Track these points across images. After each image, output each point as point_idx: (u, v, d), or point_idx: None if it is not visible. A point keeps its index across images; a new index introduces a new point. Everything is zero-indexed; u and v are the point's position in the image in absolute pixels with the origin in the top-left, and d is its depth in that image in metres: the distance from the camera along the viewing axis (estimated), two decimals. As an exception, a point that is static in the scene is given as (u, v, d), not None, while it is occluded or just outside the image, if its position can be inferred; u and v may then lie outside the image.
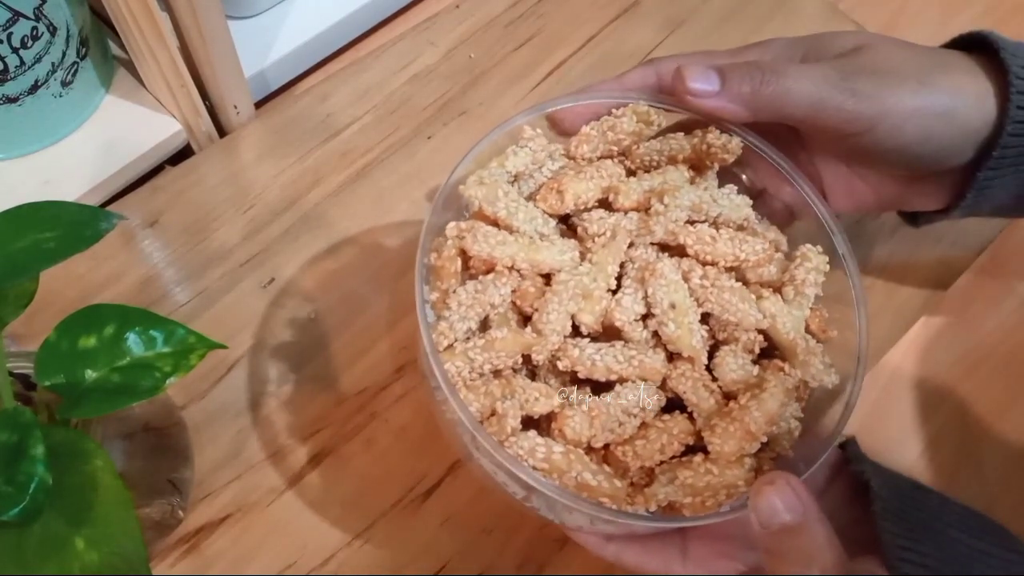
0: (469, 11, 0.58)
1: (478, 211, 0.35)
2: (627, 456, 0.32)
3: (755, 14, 0.60)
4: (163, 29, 0.45)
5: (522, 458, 0.31)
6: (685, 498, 0.32)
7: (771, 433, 0.32)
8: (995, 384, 0.49)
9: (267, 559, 0.41)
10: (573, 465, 0.31)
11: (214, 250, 0.49)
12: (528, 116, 0.37)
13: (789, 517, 0.29)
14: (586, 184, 0.36)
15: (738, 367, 0.33)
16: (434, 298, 0.35)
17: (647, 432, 0.33)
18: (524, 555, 0.42)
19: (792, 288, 0.35)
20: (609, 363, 0.33)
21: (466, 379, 0.33)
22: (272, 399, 0.45)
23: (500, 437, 0.31)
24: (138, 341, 0.30)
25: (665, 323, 0.33)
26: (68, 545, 0.27)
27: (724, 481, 0.31)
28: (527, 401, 0.32)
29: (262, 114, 0.54)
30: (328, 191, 0.51)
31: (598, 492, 0.31)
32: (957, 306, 0.51)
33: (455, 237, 0.35)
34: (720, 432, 0.32)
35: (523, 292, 0.34)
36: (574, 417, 0.32)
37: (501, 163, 0.37)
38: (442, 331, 0.33)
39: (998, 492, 0.46)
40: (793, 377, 0.34)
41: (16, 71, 0.45)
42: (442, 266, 0.35)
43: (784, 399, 0.32)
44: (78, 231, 0.29)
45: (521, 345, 0.33)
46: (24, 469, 0.25)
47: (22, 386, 0.32)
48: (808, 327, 0.36)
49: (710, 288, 0.34)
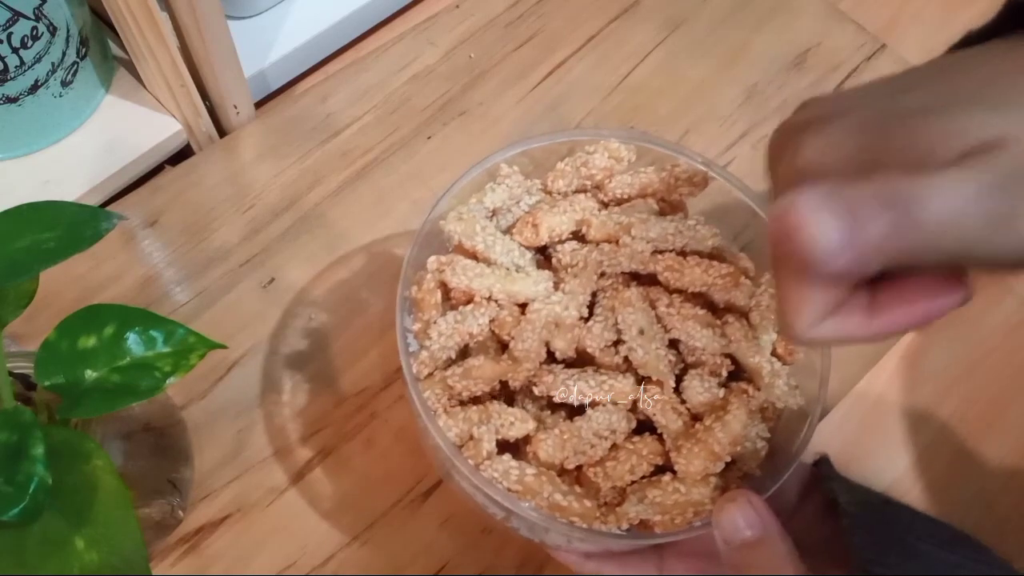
0: (469, 11, 0.58)
1: (458, 245, 0.37)
2: (598, 477, 0.34)
3: (755, 14, 0.60)
4: (163, 29, 0.45)
5: (496, 480, 0.33)
6: (655, 516, 0.33)
7: (736, 453, 0.34)
8: (994, 384, 0.49)
9: (267, 559, 0.41)
10: (545, 487, 0.33)
11: (214, 250, 0.49)
12: (505, 154, 0.39)
13: (750, 533, 0.30)
14: (559, 218, 0.38)
15: (704, 390, 0.35)
16: (416, 328, 0.37)
17: (617, 453, 0.34)
18: (524, 555, 0.42)
19: (758, 313, 0.37)
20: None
21: (446, 405, 0.35)
22: (272, 399, 0.45)
23: (476, 461, 0.33)
24: (138, 341, 0.30)
25: (634, 348, 0.35)
26: (68, 545, 0.27)
27: (691, 499, 0.33)
28: (503, 425, 0.34)
29: (262, 114, 0.54)
30: (328, 191, 0.51)
31: (569, 512, 0.33)
32: (957, 306, 0.51)
33: (435, 271, 0.37)
34: (685, 453, 0.33)
35: (501, 321, 0.36)
36: (547, 440, 0.34)
37: (480, 199, 0.39)
38: (423, 360, 0.35)
39: (997, 492, 0.46)
40: (757, 399, 0.35)
41: (16, 71, 0.45)
42: (423, 298, 0.37)
43: (747, 420, 0.33)
44: (78, 231, 0.29)
45: (498, 372, 0.35)
46: (24, 469, 0.25)
47: (22, 386, 0.32)
48: (774, 351, 0.37)
49: (675, 315, 0.36)
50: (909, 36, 0.60)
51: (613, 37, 0.58)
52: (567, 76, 0.56)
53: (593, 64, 0.57)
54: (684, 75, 0.57)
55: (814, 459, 0.39)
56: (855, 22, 0.60)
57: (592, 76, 0.56)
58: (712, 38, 0.59)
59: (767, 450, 0.35)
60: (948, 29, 0.61)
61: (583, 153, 0.40)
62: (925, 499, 0.45)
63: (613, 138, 0.40)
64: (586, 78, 0.56)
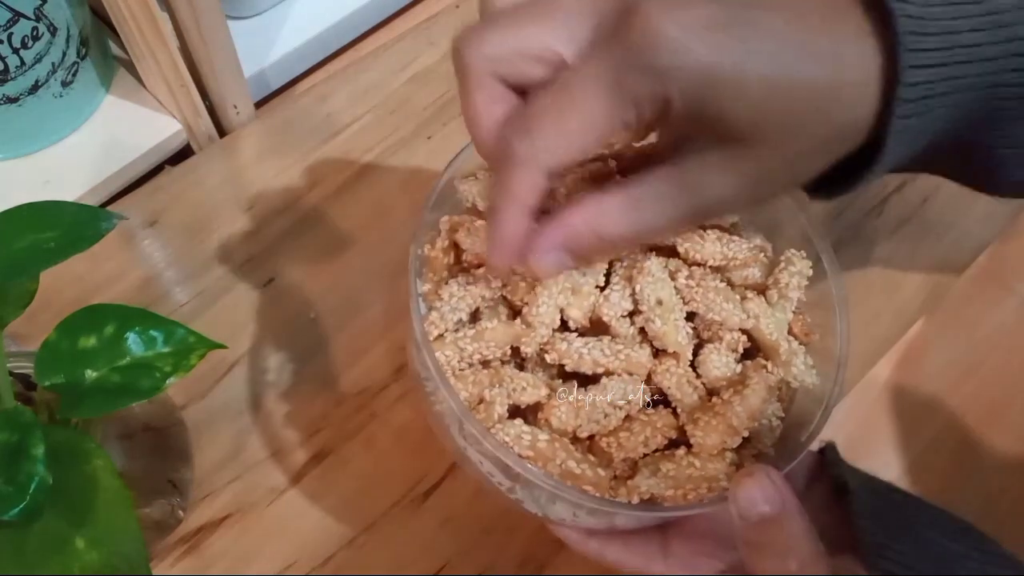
0: (469, 11, 0.58)
1: (472, 206, 0.36)
2: (611, 447, 0.33)
3: (755, 14, 0.60)
4: (163, 29, 0.45)
5: (508, 445, 0.31)
6: (667, 490, 0.32)
7: (753, 429, 0.33)
8: (995, 384, 0.49)
9: (267, 559, 0.41)
10: (558, 453, 0.32)
11: (214, 250, 0.49)
12: None
13: (768, 508, 0.29)
14: (579, 183, 0.36)
15: (722, 365, 0.34)
16: (426, 289, 0.36)
17: (631, 425, 0.34)
18: (524, 555, 0.42)
19: (776, 291, 0.36)
20: (596, 356, 0.33)
21: (455, 368, 0.34)
22: (272, 399, 0.45)
23: (487, 424, 0.32)
24: (138, 341, 0.30)
25: (652, 319, 0.34)
26: (68, 545, 0.27)
27: (705, 474, 0.32)
28: (515, 390, 0.33)
29: (262, 114, 0.54)
30: (328, 191, 0.51)
31: (582, 480, 0.32)
32: (957, 307, 0.51)
33: (448, 230, 0.36)
34: (703, 425, 0.32)
35: (514, 286, 0.35)
36: (560, 407, 0.33)
37: None
38: (433, 321, 0.34)
39: (997, 493, 0.46)
40: (775, 375, 0.34)
41: (16, 71, 0.45)
42: (435, 257, 0.36)
43: (766, 396, 0.33)
44: (78, 231, 0.29)
45: (510, 336, 0.34)
46: (24, 469, 0.25)
47: (22, 386, 0.32)
48: (791, 330, 0.36)
49: (695, 288, 0.35)
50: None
51: (613, 37, 0.58)
52: (567, 76, 0.56)
53: (593, 64, 0.57)
54: (684, 75, 0.57)
55: (820, 447, 0.38)
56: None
57: (592, 76, 0.56)
58: (712, 38, 0.59)
59: (781, 428, 0.34)
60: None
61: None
62: (924, 498, 0.45)
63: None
64: (586, 78, 0.56)
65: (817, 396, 0.35)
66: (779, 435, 0.34)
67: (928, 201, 0.54)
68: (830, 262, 0.37)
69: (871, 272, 0.51)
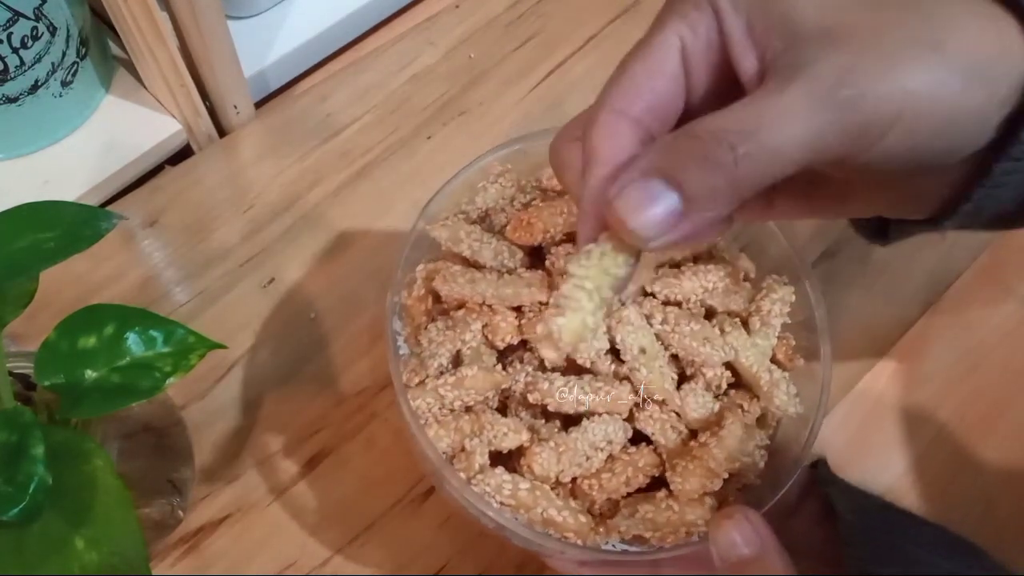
0: (469, 11, 0.58)
1: (447, 250, 0.37)
2: (592, 489, 0.34)
3: (755, 14, 0.60)
4: (163, 29, 0.45)
5: (489, 495, 0.32)
6: (645, 532, 0.33)
7: (733, 469, 0.33)
8: (995, 384, 0.49)
9: (267, 559, 0.41)
10: (539, 501, 0.32)
11: (214, 250, 0.49)
12: (498, 153, 0.39)
13: (747, 550, 0.30)
14: (555, 218, 0.37)
15: (699, 406, 0.34)
16: (407, 333, 0.36)
17: (613, 465, 0.34)
18: (524, 555, 0.42)
19: (758, 319, 0.36)
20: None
21: (436, 415, 0.34)
22: (272, 399, 0.45)
23: (468, 474, 0.32)
24: (138, 341, 0.30)
25: (636, 368, 0.34)
26: (68, 545, 0.27)
27: (684, 518, 0.32)
28: (495, 437, 0.33)
29: (262, 114, 0.54)
30: (328, 191, 0.51)
31: (563, 528, 0.32)
32: (957, 307, 0.51)
33: (424, 279, 0.36)
34: (680, 471, 0.33)
35: (494, 327, 0.35)
36: (542, 454, 0.33)
37: (471, 200, 0.38)
38: (413, 368, 0.34)
39: (997, 494, 0.46)
40: (753, 411, 0.35)
41: (16, 71, 0.45)
42: (412, 305, 0.36)
43: (743, 435, 0.33)
44: (78, 231, 0.29)
45: (490, 383, 0.34)
46: (24, 469, 0.25)
47: (22, 386, 0.32)
48: (775, 356, 0.37)
49: (671, 333, 0.35)
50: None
51: (613, 37, 0.58)
52: (567, 76, 0.56)
53: (593, 64, 0.57)
54: (684, 75, 0.57)
55: (811, 461, 0.39)
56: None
57: (592, 76, 0.56)
58: (712, 38, 0.59)
59: (766, 458, 0.34)
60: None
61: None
62: (924, 500, 0.45)
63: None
64: (586, 78, 0.56)
65: (804, 420, 0.35)
66: (764, 464, 0.34)
67: (928, 201, 0.54)
68: (812, 287, 0.37)
69: (871, 272, 0.51)
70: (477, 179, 0.38)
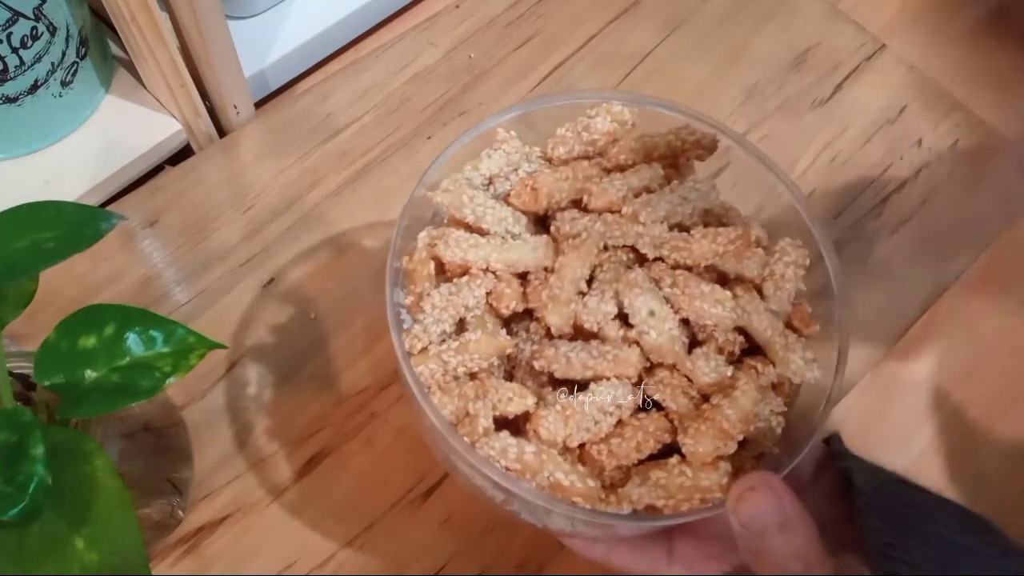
0: (469, 11, 0.58)
1: (451, 216, 0.36)
2: (602, 455, 0.32)
3: (755, 14, 0.60)
4: (163, 29, 0.45)
5: (494, 459, 0.31)
6: (658, 500, 0.31)
7: (749, 432, 0.32)
8: (995, 384, 0.49)
9: (267, 559, 0.41)
10: (546, 465, 0.31)
11: (214, 250, 0.49)
12: (502, 118, 0.38)
13: (772, 519, 0.29)
14: (560, 184, 0.36)
15: (710, 369, 0.33)
16: (409, 301, 0.35)
17: (623, 430, 0.33)
18: (524, 555, 0.42)
19: (772, 283, 0.35)
20: (584, 359, 0.33)
21: (440, 382, 0.33)
22: (272, 399, 0.45)
23: (472, 438, 0.31)
24: (138, 341, 0.30)
25: (646, 332, 0.33)
26: (68, 545, 0.27)
27: (698, 485, 0.31)
28: (500, 401, 0.32)
29: (262, 114, 0.54)
30: (328, 191, 0.51)
31: (571, 492, 0.31)
32: (957, 307, 0.51)
33: (427, 245, 0.35)
34: (693, 433, 0.31)
35: (498, 293, 0.34)
36: (548, 417, 0.32)
37: (476, 166, 0.37)
38: (416, 334, 0.33)
39: (997, 493, 0.46)
40: (768, 375, 0.34)
41: (16, 71, 0.45)
42: (414, 269, 0.35)
43: (757, 396, 0.32)
44: (78, 231, 0.29)
45: (495, 348, 0.33)
46: (24, 469, 0.25)
47: (22, 386, 0.32)
48: (791, 322, 0.35)
49: (681, 296, 0.34)
50: (909, 36, 0.60)
51: (613, 37, 0.58)
52: (567, 76, 0.56)
53: (593, 64, 0.57)
54: (684, 75, 0.57)
55: (825, 436, 0.38)
56: (855, 22, 0.60)
57: (592, 76, 0.56)
58: (712, 38, 0.59)
59: (783, 427, 0.33)
60: (948, 29, 0.62)
61: (584, 117, 0.38)
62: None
63: (615, 100, 0.38)
64: (586, 78, 0.56)
65: (820, 388, 0.34)
66: (782, 432, 0.33)
67: (928, 201, 0.54)
68: (827, 251, 0.36)
69: (871, 272, 0.51)
70: (480, 147, 0.37)
